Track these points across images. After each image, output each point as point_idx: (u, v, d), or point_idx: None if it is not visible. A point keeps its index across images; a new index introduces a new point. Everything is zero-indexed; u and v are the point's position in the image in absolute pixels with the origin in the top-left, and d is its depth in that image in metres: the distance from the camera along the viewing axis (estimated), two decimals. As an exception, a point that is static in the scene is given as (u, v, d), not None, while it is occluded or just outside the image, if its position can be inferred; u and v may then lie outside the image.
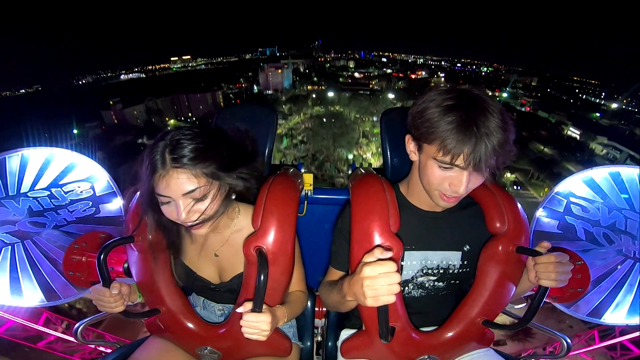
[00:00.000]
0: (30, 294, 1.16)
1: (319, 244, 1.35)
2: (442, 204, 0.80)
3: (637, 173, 1.17)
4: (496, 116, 0.67)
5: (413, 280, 0.92)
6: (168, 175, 0.70)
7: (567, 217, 1.21)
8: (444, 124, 0.68)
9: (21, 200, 1.17)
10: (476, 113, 0.67)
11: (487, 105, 0.68)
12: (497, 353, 0.96)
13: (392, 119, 1.20)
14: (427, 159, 0.75)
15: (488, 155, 0.67)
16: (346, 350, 0.94)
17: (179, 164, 0.70)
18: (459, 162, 0.69)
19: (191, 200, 0.73)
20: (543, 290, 0.73)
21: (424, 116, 0.72)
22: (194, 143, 0.72)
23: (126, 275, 0.94)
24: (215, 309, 1.01)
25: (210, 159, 0.73)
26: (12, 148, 1.19)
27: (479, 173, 0.71)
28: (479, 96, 0.70)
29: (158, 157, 0.71)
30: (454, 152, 0.68)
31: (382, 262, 0.64)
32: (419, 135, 0.75)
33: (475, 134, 0.66)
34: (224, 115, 1.27)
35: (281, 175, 0.92)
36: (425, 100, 0.73)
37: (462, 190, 0.73)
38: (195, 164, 0.71)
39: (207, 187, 0.73)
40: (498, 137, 0.66)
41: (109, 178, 1.25)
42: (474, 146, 0.66)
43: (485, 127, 0.66)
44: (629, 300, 1.14)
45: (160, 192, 0.72)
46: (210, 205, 0.75)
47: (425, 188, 0.81)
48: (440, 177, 0.74)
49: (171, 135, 0.73)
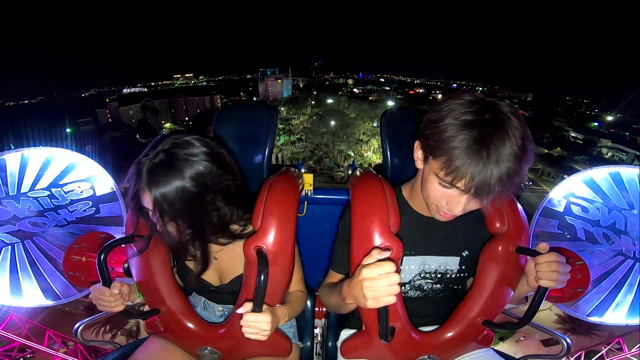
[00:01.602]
0: (30, 294, 1.16)
1: (319, 244, 1.35)
2: (437, 218, 0.79)
3: (637, 173, 1.17)
4: (514, 142, 0.60)
5: (410, 282, 0.92)
6: (145, 193, 0.71)
7: (567, 217, 1.21)
8: (455, 142, 0.62)
9: (21, 200, 1.17)
10: (493, 136, 0.60)
11: (509, 127, 0.61)
12: (497, 353, 0.96)
13: (393, 118, 1.20)
14: (430, 172, 0.72)
15: (493, 185, 0.61)
16: (346, 350, 0.94)
17: (152, 190, 0.70)
18: (459, 185, 0.65)
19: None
20: (543, 290, 0.73)
21: (438, 127, 0.65)
22: (177, 176, 0.70)
23: (126, 276, 0.94)
24: (215, 310, 1.01)
25: (206, 176, 0.73)
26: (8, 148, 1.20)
27: (480, 200, 0.67)
28: (503, 114, 0.62)
29: (143, 171, 0.71)
30: (457, 174, 0.63)
31: (380, 263, 0.64)
32: (427, 146, 0.70)
33: (484, 159, 0.60)
34: (224, 114, 1.27)
35: (281, 175, 0.92)
36: (443, 108, 0.66)
37: (459, 211, 0.71)
38: (176, 190, 0.71)
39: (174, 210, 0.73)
40: (508, 166, 0.60)
41: (110, 178, 1.25)
42: (480, 172, 0.61)
43: (498, 153, 0.60)
44: (629, 300, 1.14)
45: (143, 204, 0.74)
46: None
47: (424, 199, 0.80)
48: (440, 193, 0.72)
49: (162, 150, 0.72)
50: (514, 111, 0.63)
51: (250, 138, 1.23)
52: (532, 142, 0.64)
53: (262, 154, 1.21)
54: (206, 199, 0.76)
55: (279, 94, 50.24)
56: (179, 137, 0.74)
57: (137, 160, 0.72)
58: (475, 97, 0.65)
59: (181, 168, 0.71)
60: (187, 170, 0.71)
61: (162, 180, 0.70)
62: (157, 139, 0.75)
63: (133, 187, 0.73)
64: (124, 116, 39.15)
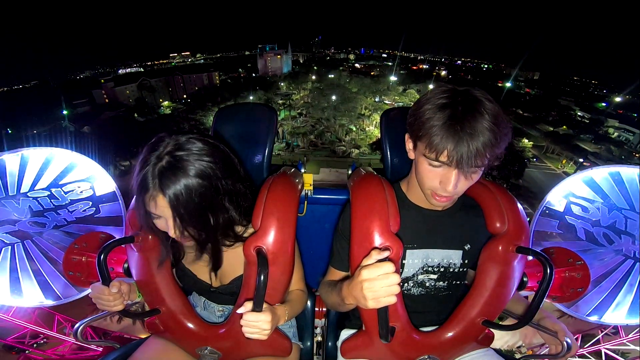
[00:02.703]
0: (30, 294, 1.16)
1: (319, 244, 1.35)
2: (434, 203, 0.81)
3: (637, 173, 1.17)
4: (487, 118, 0.67)
5: (413, 277, 0.92)
6: (158, 198, 0.70)
7: (567, 217, 1.21)
8: (433, 122, 0.70)
9: (21, 200, 1.17)
10: (466, 113, 0.68)
11: (480, 106, 0.68)
12: (497, 353, 0.96)
13: (392, 118, 1.20)
14: (419, 156, 0.77)
15: (471, 155, 0.67)
16: (346, 350, 0.94)
17: (166, 191, 0.69)
18: (442, 158, 0.71)
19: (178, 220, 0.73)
20: (543, 290, 0.73)
21: (419, 114, 0.74)
22: (191, 165, 0.70)
23: (126, 276, 0.94)
24: (215, 310, 1.01)
25: (213, 179, 0.73)
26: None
27: (466, 172, 0.72)
28: (474, 97, 0.70)
29: (149, 177, 0.69)
30: (438, 148, 0.69)
31: (380, 264, 0.64)
32: (413, 133, 0.77)
33: (459, 133, 0.67)
34: (224, 114, 1.27)
35: (281, 175, 0.92)
36: (423, 99, 0.75)
37: (451, 188, 0.73)
38: (187, 190, 0.70)
39: (187, 212, 0.72)
40: (483, 139, 0.67)
41: (109, 178, 1.25)
42: (456, 144, 0.67)
43: (472, 127, 0.67)
44: (629, 300, 1.14)
45: (149, 210, 0.72)
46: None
47: (420, 187, 0.83)
48: (431, 174, 0.76)
49: (165, 153, 0.70)
50: (485, 96, 0.71)
51: (250, 138, 1.23)
52: (506, 121, 0.71)
53: (262, 154, 1.21)
54: (217, 198, 0.76)
55: (278, 69, 49.38)
56: (179, 138, 0.73)
57: (139, 170, 0.70)
58: (448, 87, 0.74)
59: (190, 168, 0.70)
60: (196, 169, 0.71)
61: (174, 181, 0.69)
62: (154, 142, 0.73)
63: (141, 196, 0.71)
64: (121, 96, 37.93)
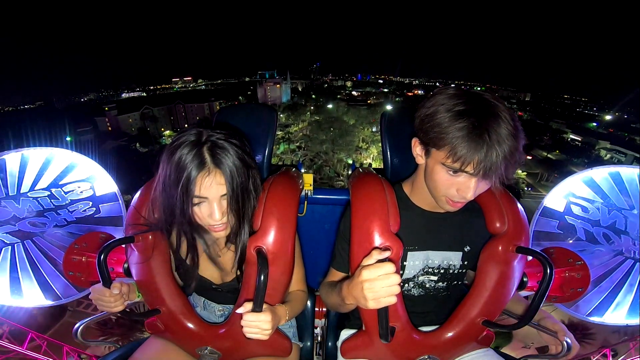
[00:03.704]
0: (30, 294, 1.16)
1: (319, 244, 1.35)
2: (448, 209, 0.80)
3: (637, 173, 1.17)
4: (508, 123, 0.66)
5: (414, 279, 0.92)
6: (216, 173, 0.73)
7: (567, 217, 1.21)
8: (455, 130, 0.67)
9: (21, 200, 1.17)
10: (488, 120, 0.66)
11: (499, 111, 0.67)
12: (497, 353, 0.96)
13: (393, 119, 1.20)
14: (435, 163, 0.74)
15: (499, 163, 0.66)
16: (346, 350, 0.94)
17: (222, 167, 0.73)
18: (468, 169, 0.69)
19: (224, 202, 0.76)
20: (543, 290, 0.73)
21: (434, 120, 0.70)
22: (233, 147, 0.75)
23: (126, 276, 0.94)
24: (215, 310, 1.01)
25: (248, 166, 0.78)
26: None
27: (488, 180, 0.70)
28: (490, 101, 0.69)
29: (205, 154, 0.72)
30: (465, 159, 0.67)
31: (380, 264, 0.64)
32: (428, 139, 0.73)
33: (487, 142, 0.65)
34: (224, 114, 1.27)
35: (281, 175, 0.92)
36: (434, 103, 0.71)
37: (470, 195, 0.72)
38: (235, 168, 0.74)
39: (238, 189, 0.77)
40: (509, 144, 0.66)
41: (110, 178, 1.25)
42: (485, 154, 0.65)
43: (497, 134, 0.65)
44: (629, 300, 1.14)
45: (197, 193, 0.73)
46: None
47: (432, 192, 0.81)
48: (448, 182, 0.74)
49: (206, 136, 0.74)
50: (496, 98, 0.70)
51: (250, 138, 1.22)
52: (519, 121, 0.70)
53: (262, 154, 1.21)
54: (249, 184, 0.80)
55: (277, 98, 50.10)
56: (206, 129, 0.76)
57: (178, 156, 0.71)
58: (459, 90, 0.71)
59: (232, 151, 0.75)
60: (236, 152, 0.75)
61: (227, 158, 0.73)
62: (182, 133, 0.75)
63: (185, 180, 0.71)
64: (124, 124, 39.15)
